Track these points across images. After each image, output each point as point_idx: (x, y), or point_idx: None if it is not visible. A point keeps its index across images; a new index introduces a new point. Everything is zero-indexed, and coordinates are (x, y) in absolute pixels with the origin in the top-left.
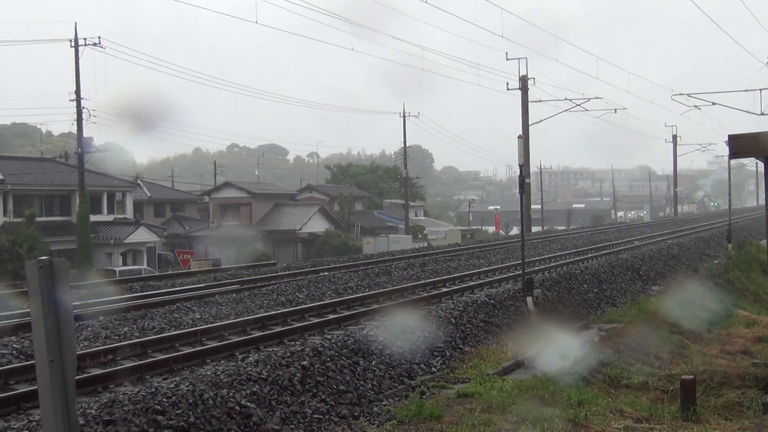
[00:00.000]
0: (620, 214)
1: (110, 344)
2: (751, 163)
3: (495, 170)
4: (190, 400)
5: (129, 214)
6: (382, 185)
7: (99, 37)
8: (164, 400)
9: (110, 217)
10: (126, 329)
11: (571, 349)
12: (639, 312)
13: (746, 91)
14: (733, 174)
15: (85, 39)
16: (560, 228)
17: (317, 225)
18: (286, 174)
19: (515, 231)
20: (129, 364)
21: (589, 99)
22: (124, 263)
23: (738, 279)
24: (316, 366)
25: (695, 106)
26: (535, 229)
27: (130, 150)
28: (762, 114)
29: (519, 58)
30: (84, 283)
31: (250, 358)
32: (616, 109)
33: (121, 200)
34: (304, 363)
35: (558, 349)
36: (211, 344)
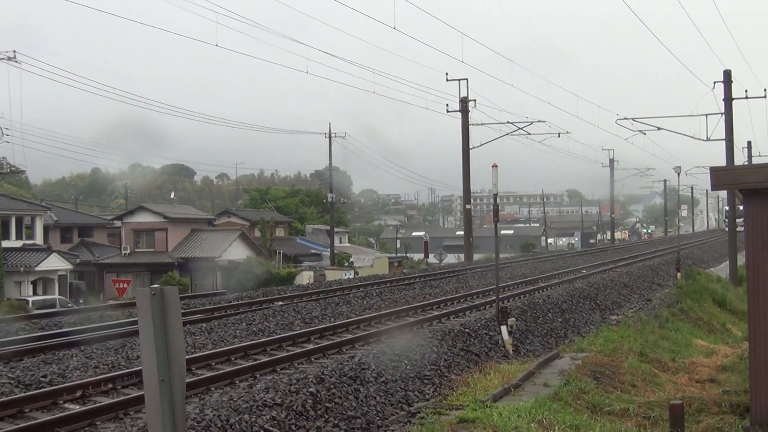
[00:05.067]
0: (550, 241)
1: (107, 374)
2: (686, 189)
3: (417, 194)
4: (219, 425)
5: (39, 239)
6: (303, 210)
7: (14, 52)
8: (195, 424)
9: (19, 243)
10: (111, 359)
11: (551, 377)
12: (606, 342)
13: (692, 116)
14: (667, 199)
15: None
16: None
17: (237, 252)
18: (194, 196)
19: (449, 259)
20: (138, 393)
21: (532, 122)
22: (34, 292)
23: (691, 308)
24: (323, 393)
25: (640, 131)
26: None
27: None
28: (708, 139)
29: (459, 79)
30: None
31: (259, 386)
32: (559, 133)
33: (30, 225)
34: (312, 390)
35: (539, 377)
36: (208, 373)
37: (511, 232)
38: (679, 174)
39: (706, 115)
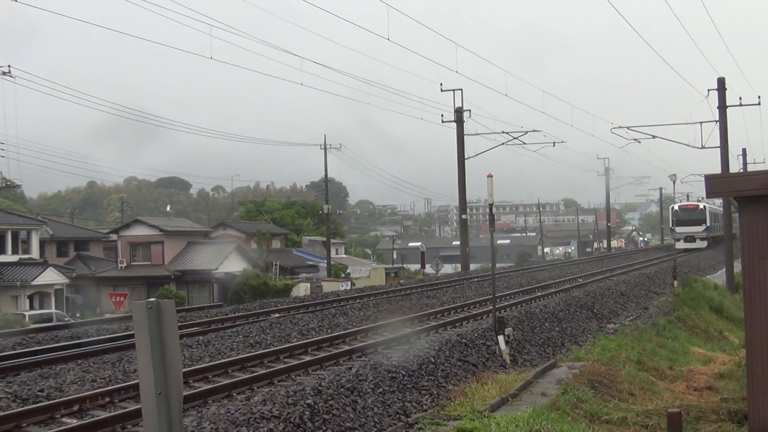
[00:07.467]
0: (547, 250)
1: (104, 387)
2: (681, 197)
3: (413, 204)
4: None
5: (35, 254)
6: (299, 221)
7: (9, 66)
8: None
9: (15, 258)
10: (108, 372)
11: (549, 387)
12: (603, 350)
13: (686, 124)
14: (663, 207)
15: None
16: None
17: (234, 264)
18: (189, 209)
19: (446, 269)
20: (135, 407)
21: (527, 132)
22: (31, 307)
23: (688, 316)
24: (320, 404)
25: (635, 140)
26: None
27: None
28: (702, 147)
29: (454, 90)
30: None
31: (256, 398)
32: (554, 143)
33: (27, 239)
34: (309, 402)
35: (537, 387)
36: (205, 386)
37: (508, 241)
38: (674, 182)
39: (701, 122)
